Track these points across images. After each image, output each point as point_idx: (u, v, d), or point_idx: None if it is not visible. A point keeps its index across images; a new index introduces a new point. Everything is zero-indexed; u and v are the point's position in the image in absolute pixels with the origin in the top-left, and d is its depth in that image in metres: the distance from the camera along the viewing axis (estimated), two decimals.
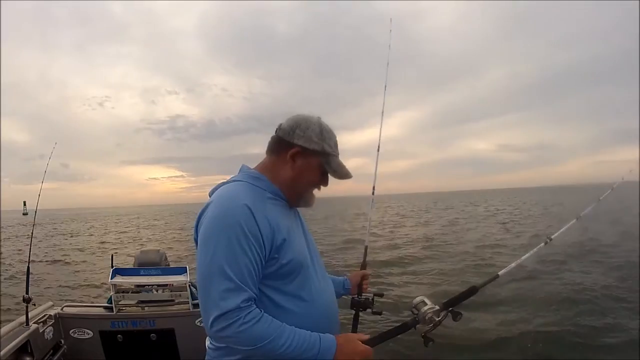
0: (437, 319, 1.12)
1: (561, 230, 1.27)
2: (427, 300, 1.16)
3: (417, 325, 1.14)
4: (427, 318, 1.12)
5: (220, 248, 0.93)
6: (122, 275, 3.03)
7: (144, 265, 3.17)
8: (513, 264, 1.23)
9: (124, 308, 2.96)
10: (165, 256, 3.39)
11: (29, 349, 2.49)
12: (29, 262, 2.84)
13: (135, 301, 3.00)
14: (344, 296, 1.43)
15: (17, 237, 21.63)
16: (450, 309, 1.14)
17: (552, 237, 1.26)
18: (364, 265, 1.56)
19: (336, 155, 1.14)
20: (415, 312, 1.16)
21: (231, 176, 1.14)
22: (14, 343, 2.36)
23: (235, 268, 0.92)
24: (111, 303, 2.94)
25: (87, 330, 2.89)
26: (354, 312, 1.44)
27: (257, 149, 1.19)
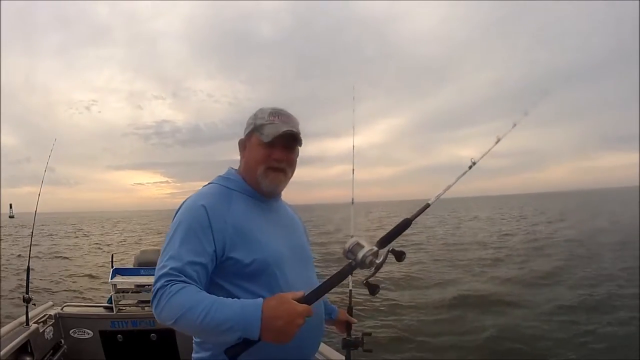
0: (377, 262, 0.98)
1: (484, 154, 1.21)
2: (362, 242, 1.01)
3: (356, 271, 1.02)
4: (367, 262, 0.97)
5: (172, 243, 0.99)
6: (122, 275, 3.04)
7: (144, 265, 3.17)
8: (442, 190, 1.13)
9: (124, 308, 2.96)
10: None
11: (29, 348, 2.49)
12: (28, 262, 2.83)
13: (135, 301, 3.00)
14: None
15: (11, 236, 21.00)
16: (390, 248, 1.00)
17: (476, 161, 1.19)
18: (350, 310, 1.50)
19: (272, 122, 1.10)
20: (352, 256, 1.00)
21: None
22: (14, 343, 2.36)
23: (177, 260, 0.95)
24: (111, 303, 2.94)
25: (87, 330, 2.88)
26: (345, 352, 1.46)
27: None
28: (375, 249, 0.99)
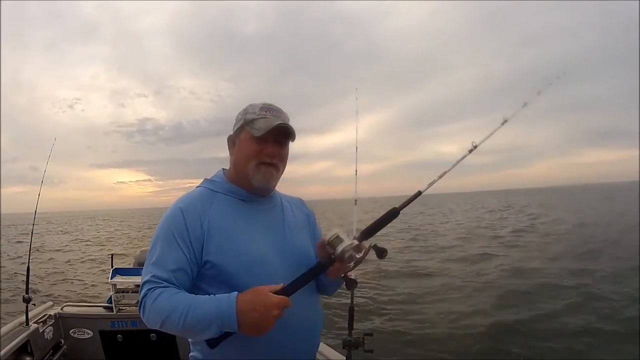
0: (357, 257, 0.96)
1: (487, 136, 1.12)
2: (342, 235, 0.98)
3: (335, 265, 1.00)
4: (345, 257, 0.96)
5: (154, 249, 1.02)
6: (122, 275, 3.04)
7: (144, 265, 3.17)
8: (437, 178, 1.07)
9: (123, 308, 2.96)
10: None
11: (29, 348, 2.48)
12: (28, 262, 2.82)
13: (135, 301, 3.00)
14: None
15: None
16: (373, 244, 0.98)
17: (478, 144, 1.10)
18: (351, 310, 1.38)
19: (263, 116, 1.07)
20: (331, 250, 0.98)
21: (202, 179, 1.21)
22: (14, 343, 2.36)
23: (159, 266, 0.98)
24: (111, 303, 2.94)
25: (87, 330, 2.88)
26: (346, 352, 1.47)
27: (225, 152, 1.16)
28: (356, 242, 0.97)
